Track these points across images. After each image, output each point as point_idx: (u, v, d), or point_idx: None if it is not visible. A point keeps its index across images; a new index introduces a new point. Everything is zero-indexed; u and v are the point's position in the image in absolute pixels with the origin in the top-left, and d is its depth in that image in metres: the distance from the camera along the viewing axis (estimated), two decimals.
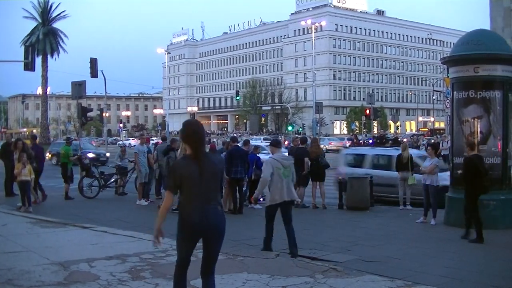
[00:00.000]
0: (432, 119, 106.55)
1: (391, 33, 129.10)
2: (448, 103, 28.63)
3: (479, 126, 12.48)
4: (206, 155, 5.58)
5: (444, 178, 13.61)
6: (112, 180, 19.83)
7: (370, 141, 46.45)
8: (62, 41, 64.55)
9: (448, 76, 26.64)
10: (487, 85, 12.51)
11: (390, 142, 32.84)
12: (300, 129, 78.78)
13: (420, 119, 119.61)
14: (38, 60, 56.74)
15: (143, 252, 9.25)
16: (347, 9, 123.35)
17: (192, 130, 5.55)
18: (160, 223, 5.57)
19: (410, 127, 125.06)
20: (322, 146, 25.94)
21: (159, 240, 5.60)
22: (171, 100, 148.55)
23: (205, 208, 5.43)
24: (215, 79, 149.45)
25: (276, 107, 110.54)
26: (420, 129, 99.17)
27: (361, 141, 50.43)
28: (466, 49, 12.66)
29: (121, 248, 9.64)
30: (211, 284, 5.77)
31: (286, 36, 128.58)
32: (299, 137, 18.51)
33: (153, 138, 65.63)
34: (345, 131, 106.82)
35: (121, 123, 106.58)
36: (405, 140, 39.87)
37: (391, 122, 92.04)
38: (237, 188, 15.17)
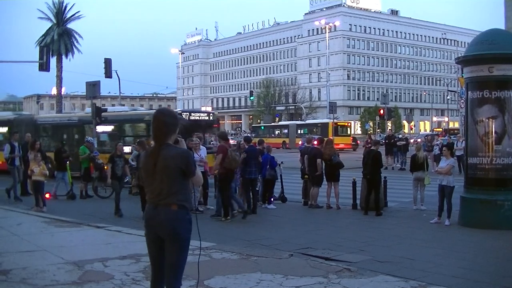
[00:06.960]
0: (446, 119, 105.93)
1: (405, 33, 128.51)
2: (463, 103, 28.47)
3: (493, 126, 12.39)
4: (165, 147, 4.96)
5: None
6: (126, 180, 19.90)
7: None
8: (77, 42, 64.65)
9: (462, 76, 26.44)
10: (502, 85, 12.41)
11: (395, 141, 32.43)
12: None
13: (434, 119, 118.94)
14: (53, 61, 56.82)
15: None
16: (361, 9, 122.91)
17: (155, 118, 5.04)
18: None
19: (424, 127, 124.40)
20: None
21: None
22: (185, 100, 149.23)
23: (156, 206, 4.95)
24: (229, 79, 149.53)
25: (290, 107, 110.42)
26: (435, 129, 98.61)
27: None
28: (481, 49, 12.56)
29: (134, 247, 9.64)
30: None
31: (300, 36, 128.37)
32: (316, 138, 18.62)
33: None
34: (359, 131, 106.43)
35: None
36: (419, 140, 39.62)
37: (405, 122, 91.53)
38: (250, 188, 15.17)
